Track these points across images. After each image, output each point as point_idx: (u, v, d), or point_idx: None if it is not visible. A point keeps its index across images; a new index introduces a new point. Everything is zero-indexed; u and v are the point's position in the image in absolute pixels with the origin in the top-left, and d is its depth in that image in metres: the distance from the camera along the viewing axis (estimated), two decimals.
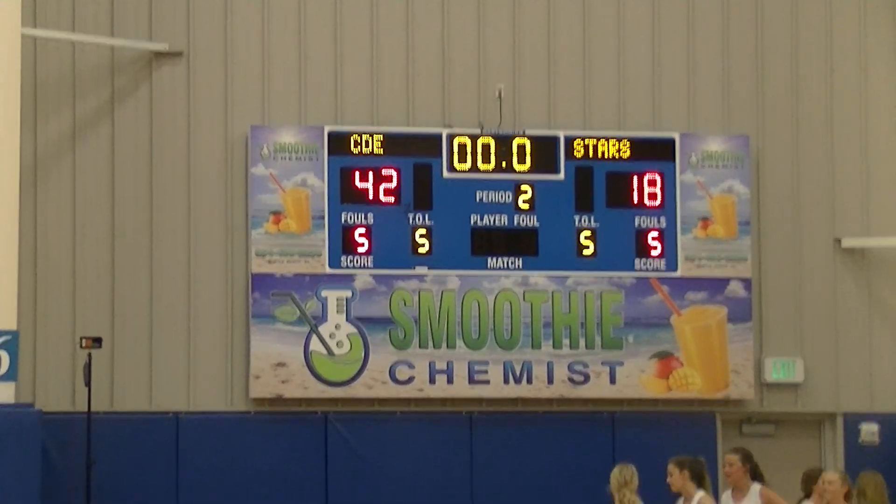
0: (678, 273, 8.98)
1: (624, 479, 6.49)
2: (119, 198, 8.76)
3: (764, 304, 9.20)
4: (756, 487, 6.61)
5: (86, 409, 8.07)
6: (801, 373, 9.01)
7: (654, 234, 9.04)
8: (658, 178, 9.10)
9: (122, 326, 8.64)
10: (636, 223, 9.03)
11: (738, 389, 8.92)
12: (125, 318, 8.65)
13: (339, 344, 8.72)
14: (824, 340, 9.14)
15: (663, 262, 9.00)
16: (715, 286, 9.01)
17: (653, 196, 9.06)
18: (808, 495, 6.96)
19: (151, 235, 8.75)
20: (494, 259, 8.93)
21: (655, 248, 9.00)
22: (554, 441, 8.84)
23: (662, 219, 9.06)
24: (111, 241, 8.70)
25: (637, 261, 8.96)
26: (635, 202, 9.02)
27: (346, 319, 8.70)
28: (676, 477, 6.49)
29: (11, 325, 7.99)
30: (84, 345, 8.24)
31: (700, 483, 6.53)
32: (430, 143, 8.91)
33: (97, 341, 8.24)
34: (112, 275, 8.67)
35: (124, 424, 8.47)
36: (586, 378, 8.87)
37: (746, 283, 9.02)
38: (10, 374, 7.93)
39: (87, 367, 8.22)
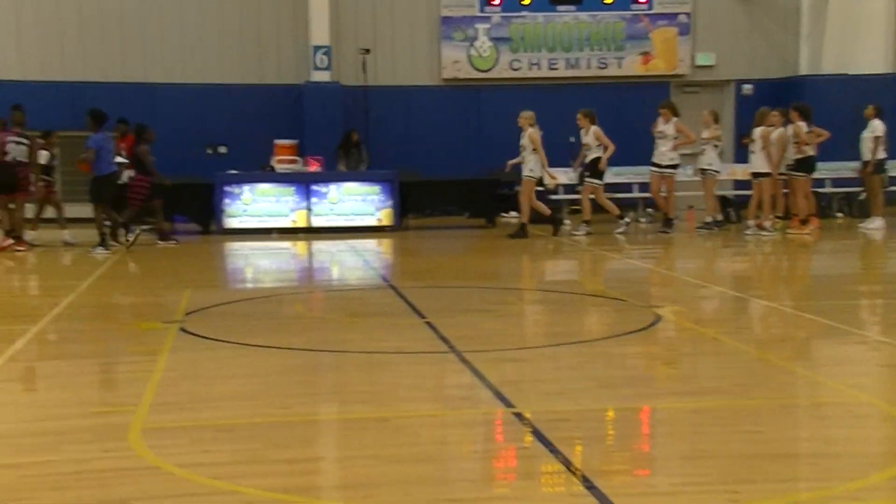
0: (653, 10, 18.43)
1: (532, 118, 14.19)
2: None
3: (697, 27, 18.68)
4: (673, 119, 14.98)
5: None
6: (713, 60, 18.68)
7: None
8: None
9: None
10: None
11: (682, 68, 18.63)
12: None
13: (483, 51, 18.41)
14: (724, 44, 18.69)
15: (646, 5, 18.41)
16: (672, 17, 18.49)
17: None
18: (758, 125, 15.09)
19: None
20: (561, 6, 18.36)
21: None
22: (591, 98, 18.51)
23: None
24: None
25: (632, 5, 18.40)
26: None
27: (488, 38, 18.34)
28: (581, 119, 14.26)
29: None
30: (360, 52, 17.82)
31: (593, 121, 14.26)
32: None
33: (367, 51, 17.78)
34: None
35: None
36: (607, 66, 18.56)
37: (688, 14, 18.50)
38: None
39: (364, 65, 17.88)
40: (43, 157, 13.78)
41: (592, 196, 14.36)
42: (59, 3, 17.58)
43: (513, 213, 17.14)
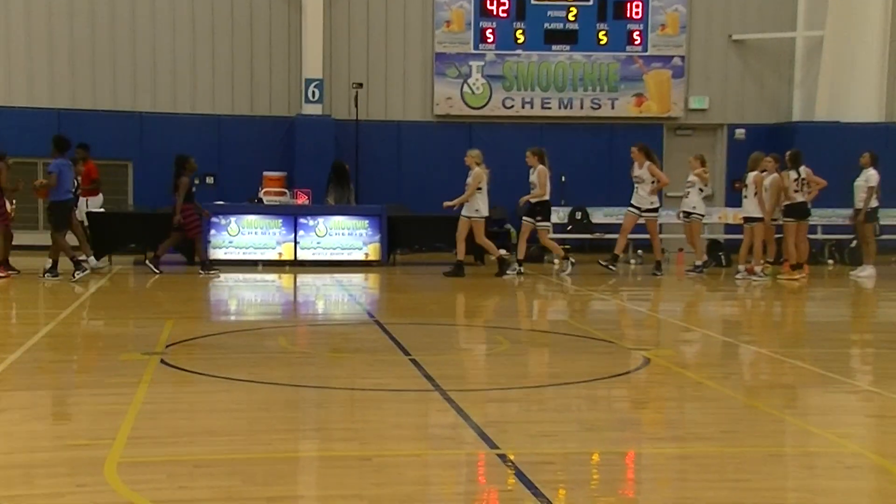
0: (648, 53, 18.63)
1: (479, 157, 14.33)
2: None
3: (691, 70, 18.89)
4: (646, 163, 14.41)
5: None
6: (706, 104, 18.87)
7: (637, 31, 18.62)
8: (640, 3, 18.57)
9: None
10: (627, 27, 18.60)
11: (675, 111, 18.80)
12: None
13: (477, 88, 18.55)
14: (718, 88, 18.90)
15: (641, 47, 18.62)
16: (666, 60, 18.69)
17: (637, 13, 18.56)
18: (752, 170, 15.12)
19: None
20: (556, 45, 18.56)
21: (637, 40, 18.60)
22: (585, 138, 18.67)
23: (641, 24, 18.60)
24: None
25: (628, 46, 18.60)
26: (628, 15, 18.56)
27: (481, 75, 18.48)
28: (530, 157, 14.18)
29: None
30: (353, 86, 17.96)
31: (542, 160, 14.16)
32: None
33: (359, 85, 17.92)
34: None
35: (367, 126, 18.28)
36: (600, 106, 18.71)
37: (682, 58, 18.70)
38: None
39: (356, 99, 17.99)
40: None
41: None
42: (50, 30, 17.66)
43: (502, 252, 17.25)
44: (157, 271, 13.54)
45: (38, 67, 17.60)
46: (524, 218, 14.37)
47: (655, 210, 14.64)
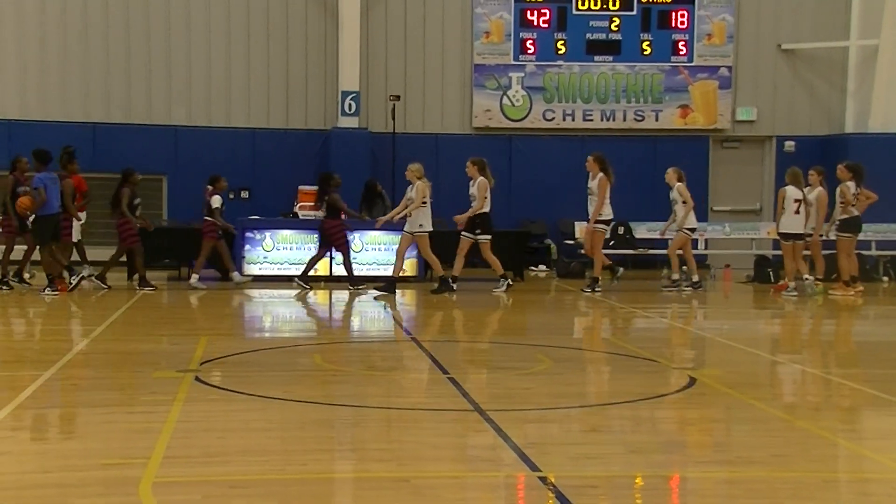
0: (693, 63, 18.54)
1: (420, 171, 14.03)
2: None
3: (739, 81, 18.75)
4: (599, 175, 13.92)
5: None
6: (754, 115, 18.71)
7: (682, 42, 18.53)
8: (686, 12, 18.50)
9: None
10: (672, 37, 18.52)
11: (722, 123, 18.66)
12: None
13: (516, 100, 18.57)
14: (766, 99, 18.73)
15: (686, 57, 18.53)
16: (713, 70, 18.58)
17: (682, 22, 18.49)
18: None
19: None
20: (598, 56, 18.54)
21: (682, 50, 18.52)
22: (628, 150, 18.59)
23: (686, 34, 18.52)
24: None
25: (672, 57, 18.52)
26: (673, 25, 18.49)
27: (521, 87, 18.51)
28: (470, 168, 13.83)
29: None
30: (390, 98, 18.07)
31: (482, 171, 13.85)
32: None
33: (397, 97, 18.04)
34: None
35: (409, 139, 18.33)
36: (643, 118, 18.64)
37: (729, 68, 18.57)
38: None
39: (393, 111, 18.07)
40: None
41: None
42: (85, 44, 17.98)
43: (542, 267, 17.16)
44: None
45: (73, 81, 17.90)
46: (463, 233, 13.99)
47: (608, 223, 14.25)
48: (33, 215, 13.01)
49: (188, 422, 5.80)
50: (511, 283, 14.07)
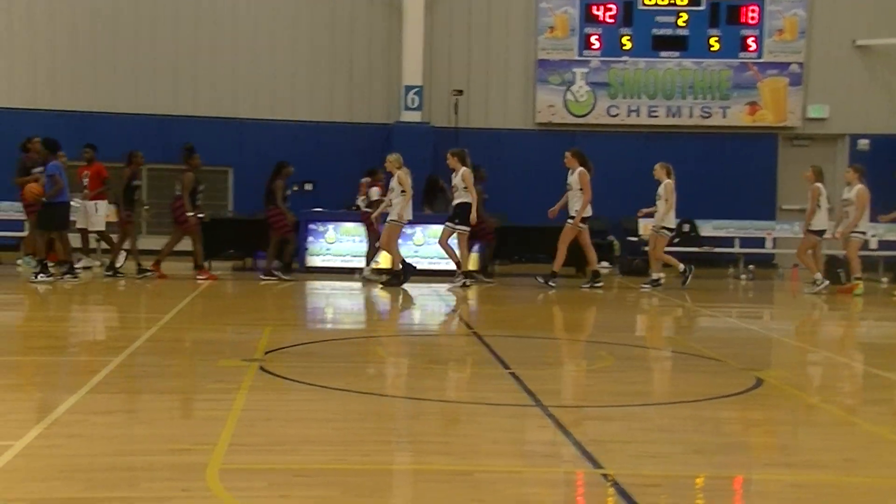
0: (763, 59, 18.23)
1: (398, 161, 13.95)
2: None
3: (810, 77, 18.38)
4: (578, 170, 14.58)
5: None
6: (826, 112, 18.33)
7: (752, 37, 18.24)
8: (756, 7, 18.20)
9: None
10: (741, 33, 18.24)
11: (792, 120, 18.32)
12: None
13: (580, 95, 18.47)
14: (839, 96, 18.33)
15: (755, 53, 18.24)
16: (783, 66, 18.24)
17: (752, 17, 18.19)
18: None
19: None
20: (664, 52, 18.33)
21: (752, 46, 18.22)
22: (693, 148, 18.39)
23: (756, 30, 18.22)
24: None
25: (741, 53, 18.24)
26: (742, 20, 18.20)
27: (585, 83, 18.40)
28: (450, 160, 13.68)
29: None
30: (453, 93, 18.11)
31: (463, 162, 13.58)
32: None
33: (459, 92, 18.07)
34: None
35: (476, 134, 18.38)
36: (711, 115, 18.39)
37: (800, 64, 18.22)
38: None
39: (456, 106, 18.11)
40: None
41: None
42: (153, 37, 18.36)
43: (604, 264, 17.04)
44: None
45: (142, 75, 18.29)
46: (446, 224, 13.85)
47: (585, 220, 13.79)
48: (45, 202, 13.12)
49: (252, 410, 5.89)
50: (468, 284, 13.72)
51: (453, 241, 13.81)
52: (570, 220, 13.73)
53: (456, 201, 13.69)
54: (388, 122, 18.32)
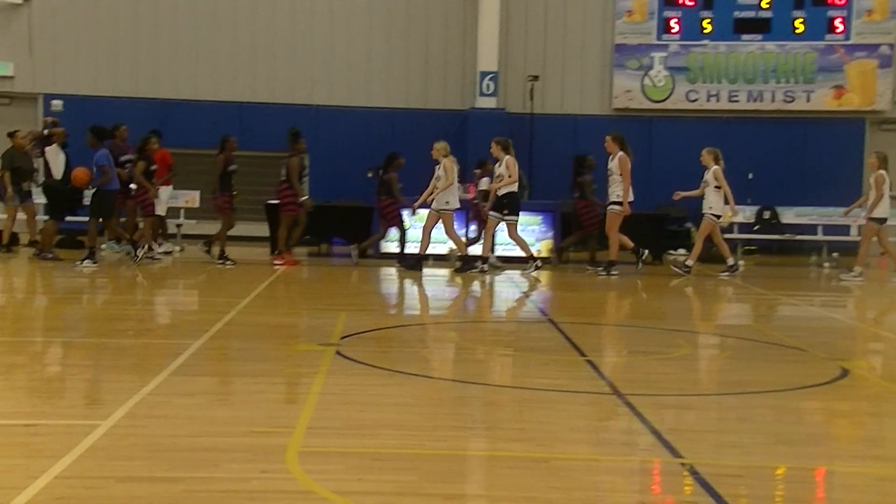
0: (850, 41, 17.71)
1: (445, 149, 13.91)
2: None
3: None
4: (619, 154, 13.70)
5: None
6: None
7: (839, 18, 17.73)
8: None
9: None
10: (828, 14, 17.74)
11: (881, 104, 17.78)
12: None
13: (658, 80, 18.21)
14: None
15: (843, 35, 17.73)
16: (872, 48, 17.70)
17: None
18: None
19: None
20: (746, 35, 17.95)
21: (839, 27, 17.72)
22: (775, 133, 17.98)
23: (845, 10, 17.70)
24: None
25: (827, 35, 17.75)
26: (829, 1, 17.70)
27: (664, 67, 18.13)
28: (494, 148, 13.48)
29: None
30: (529, 78, 18.00)
31: (507, 150, 13.41)
32: None
33: (535, 78, 17.95)
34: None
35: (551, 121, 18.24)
36: (794, 99, 17.95)
37: (890, 46, 17.66)
38: None
39: (531, 91, 18.00)
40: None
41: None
42: (235, 27, 18.65)
43: (681, 251, 16.78)
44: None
45: (222, 63, 18.62)
46: (490, 213, 13.67)
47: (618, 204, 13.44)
48: (94, 189, 13.19)
49: (329, 394, 5.97)
50: (540, 265, 13.75)
51: (486, 229, 13.87)
52: (612, 207, 13.56)
53: (503, 191, 13.54)
54: (464, 109, 18.31)
